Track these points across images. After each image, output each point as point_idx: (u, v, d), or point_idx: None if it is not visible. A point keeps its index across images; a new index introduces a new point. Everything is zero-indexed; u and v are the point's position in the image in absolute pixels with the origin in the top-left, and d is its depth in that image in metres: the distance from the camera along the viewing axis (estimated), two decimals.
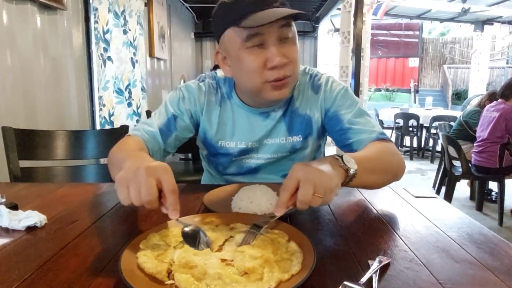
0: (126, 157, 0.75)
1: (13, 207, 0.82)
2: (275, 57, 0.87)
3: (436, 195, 0.99)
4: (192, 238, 0.62)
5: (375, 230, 0.76)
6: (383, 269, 0.59)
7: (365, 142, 0.96)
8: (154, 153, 1.00)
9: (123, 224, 0.81)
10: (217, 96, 1.08)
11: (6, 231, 0.74)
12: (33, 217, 0.75)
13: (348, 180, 0.74)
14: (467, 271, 0.60)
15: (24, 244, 0.68)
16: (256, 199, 0.81)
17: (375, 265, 0.59)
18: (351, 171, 0.73)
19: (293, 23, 0.92)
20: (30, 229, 0.74)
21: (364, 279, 0.55)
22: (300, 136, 1.07)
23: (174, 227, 0.69)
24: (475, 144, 3.40)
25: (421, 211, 0.88)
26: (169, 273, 0.56)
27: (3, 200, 0.83)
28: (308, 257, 0.57)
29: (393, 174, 0.92)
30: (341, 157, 0.73)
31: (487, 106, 3.44)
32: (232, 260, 0.57)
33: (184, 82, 5.42)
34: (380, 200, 0.96)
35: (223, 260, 0.57)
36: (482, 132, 3.37)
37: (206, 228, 0.68)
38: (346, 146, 1.01)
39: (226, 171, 1.13)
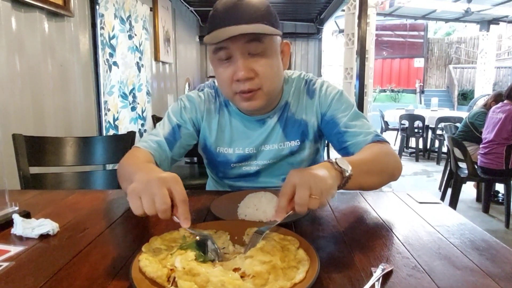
0: (135, 170, 0.79)
1: (26, 215, 0.84)
2: (239, 71, 0.92)
3: (439, 201, 1.00)
4: (201, 247, 0.65)
5: (378, 236, 0.78)
6: (386, 277, 0.61)
7: (361, 144, 0.98)
8: (161, 162, 1.03)
9: (133, 231, 0.83)
10: (216, 104, 1.13)
11: (20, 239, 0.76)
12: (46, 225, 0.77)
13: (345, 182, 0.75)
14: (468, 278, 0.61)
15: (38, 252, 0.71)
16: (261, 206, 0.83)
17: (377, 273, 0.60)
18: (346, 173, 0.74)
19: (272, 37, 0.95)
20: (43, 237, 0.77)
21: (366, 286, 0.56)
22: (297, 140, 1.10)
23: (175, 231, 0.72)
24: (481, 146, 3.40)
25: (425, 217, 0.89)
26: (169, 278, 0.57)
27: (16, 208, 0.86)
28: (313, 266, 0.59)
29: (389, 174, 0.93)
30: (336, 160, 0.75)
31: (493, 107, 3.43)
32: (240, 268, 0.59)
33: (188, 85, 5.46)
34: (384, 206, 0.98)
35: (236, 269, 0.58)
36: (488, 133, 3.36)
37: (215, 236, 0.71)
38: (343, 149, 1.04)
39: (227, 176, 1.16)
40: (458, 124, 4.42)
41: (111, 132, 2.76)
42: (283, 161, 1.12)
